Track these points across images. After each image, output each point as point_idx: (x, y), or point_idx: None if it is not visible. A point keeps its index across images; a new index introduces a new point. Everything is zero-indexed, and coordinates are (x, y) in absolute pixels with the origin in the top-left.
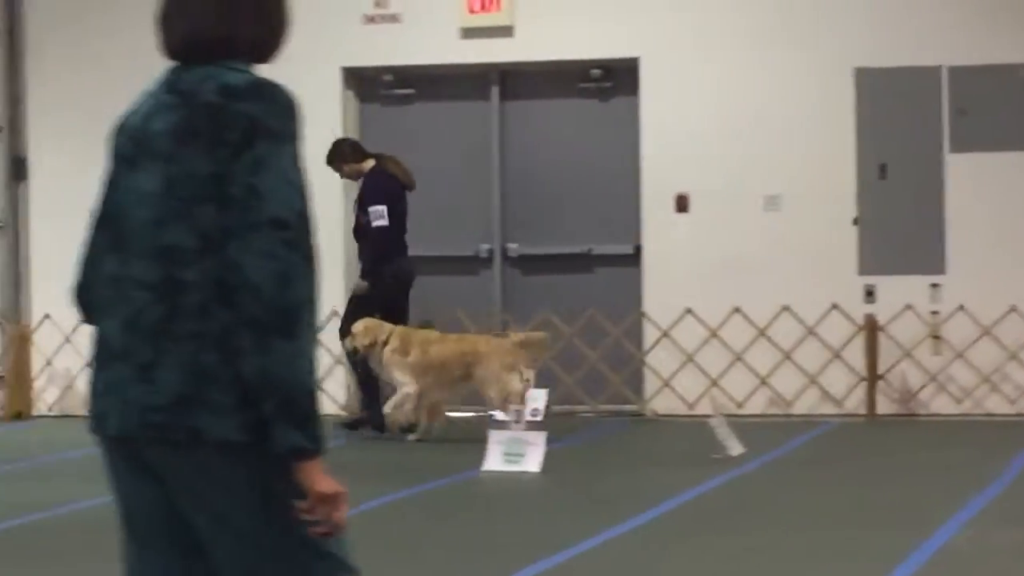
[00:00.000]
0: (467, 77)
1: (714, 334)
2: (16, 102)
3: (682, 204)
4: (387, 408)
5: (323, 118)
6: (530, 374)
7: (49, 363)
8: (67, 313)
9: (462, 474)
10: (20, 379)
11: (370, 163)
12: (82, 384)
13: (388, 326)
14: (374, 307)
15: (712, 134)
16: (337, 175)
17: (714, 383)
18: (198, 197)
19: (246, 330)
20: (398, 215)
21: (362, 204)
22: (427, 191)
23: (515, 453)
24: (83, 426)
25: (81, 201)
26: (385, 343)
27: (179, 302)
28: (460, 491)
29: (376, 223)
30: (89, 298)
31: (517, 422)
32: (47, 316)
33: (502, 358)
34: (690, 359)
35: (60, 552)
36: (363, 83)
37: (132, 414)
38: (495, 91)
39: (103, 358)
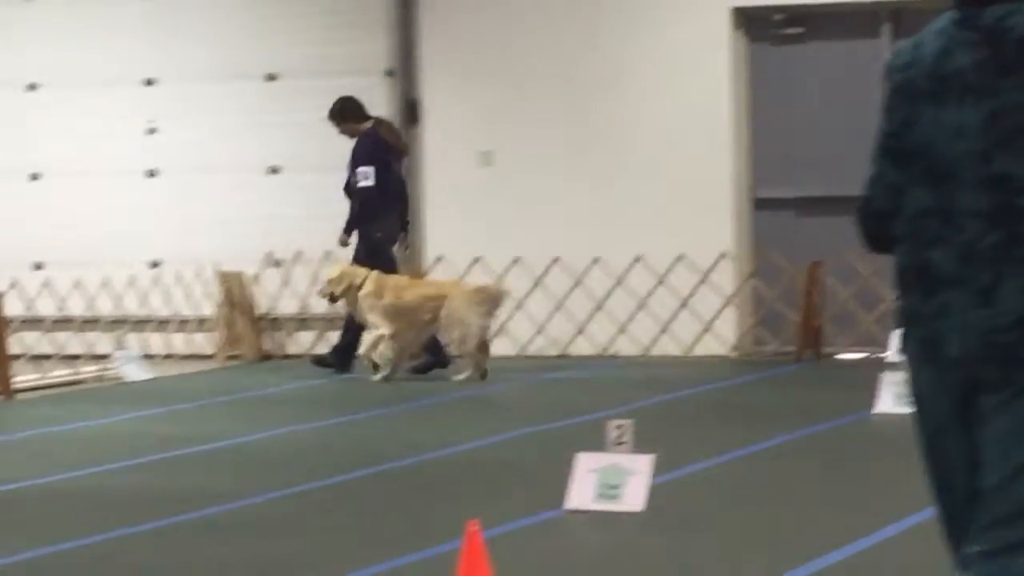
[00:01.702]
0: (858, 15)
1: None
2: (409, 46)
3: None
4: (361, 350)
5: (712, 59)
6: (488, 321)
7: None
8: (462, 254)
9: (855, 415)
10: None
11: (367, 125)
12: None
13: (363, 271)
14: (381, 260)
15: None
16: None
17: None
18: (1022, 128)
19: None
20: (384, 177)
21: (353, 164)
22: (815, 131)
23: None
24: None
25: (473, 145)
26: (359, 287)
27: (1016, 229)
28: (853, 432)
29: (362, 183)
30: (888, 229)
31: None
32: (440, 257)
33: (465, 301)
34: None
35: (457, 490)
36: (753, 23)
37: (972, 335)
38: (886, 29)
39: (929, 285)
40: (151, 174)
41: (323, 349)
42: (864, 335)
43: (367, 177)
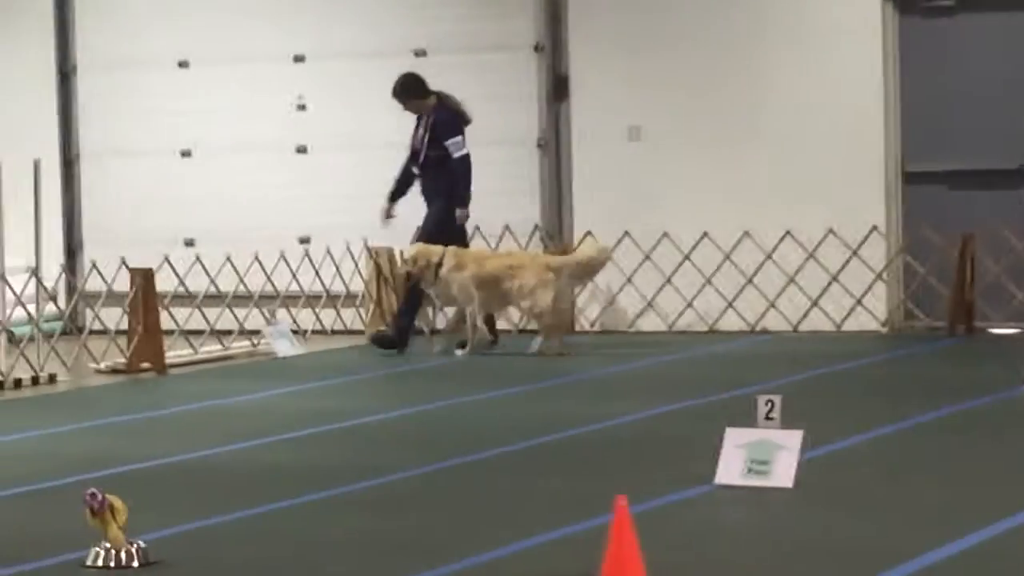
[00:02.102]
0: None
1: None
2: (557, 20)
3: None
4: (447, 326)
5: (862, 32)
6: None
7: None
8: (608, 230)
9: (1007, 391)
10: None
11: (433, 99)
12: (623, 300)
13: (439, 248)
14: (449, 234)
15: None
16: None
17: None
18: None
19: None
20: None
21: (434, 137)
22: (968, 104)
23: None
24: (624, 342)
25: (621, 120)
26: (439, 264)
27: None
28: (1005, 408)
29: (459, 153)
30: None
31: None
32: (588, 233)
33: (538, 274)
34: None
35: (603, 465)
36: None
37: None
38: None
39: None
40: (301, 150)
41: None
42: (1017, 310)
43: (461, 147)
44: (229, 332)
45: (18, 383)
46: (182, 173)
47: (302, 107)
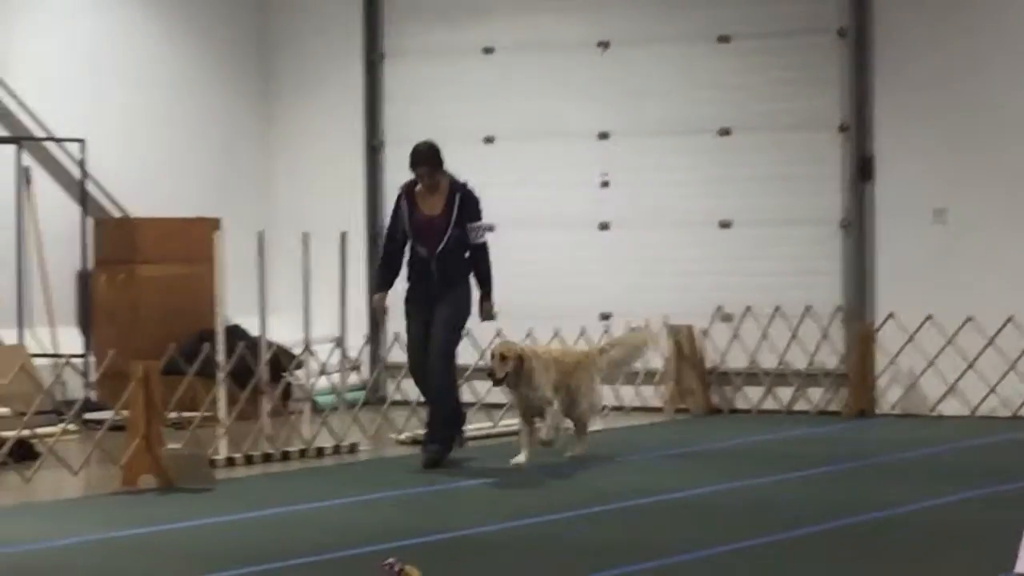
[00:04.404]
0: None
1: None
2: (863, 99)
3: None
4: (544, 435)
5: None
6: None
7: (892, 362)
8: (912, 312)
9: None
10: (863, 377)
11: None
12: (925, 384)
13: (516, 344)
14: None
15: None
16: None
17: None
18: None
19: None
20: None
21: (460, 218)
22: None
23: None
24: (925, 425)
25: (927, 201)
26: (521, 361)
27: None
28: None
29: (482, 239)
30: None
31: None
32: (891, 315)
33: (590, 370)
34: None
35: (901, 551)
36: None
37: None
38: None
39: None
40: (603, 226)
41: (772, 404)
42: None
43: (486, 231)
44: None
45: (320, 451)
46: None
47: (605, 184)
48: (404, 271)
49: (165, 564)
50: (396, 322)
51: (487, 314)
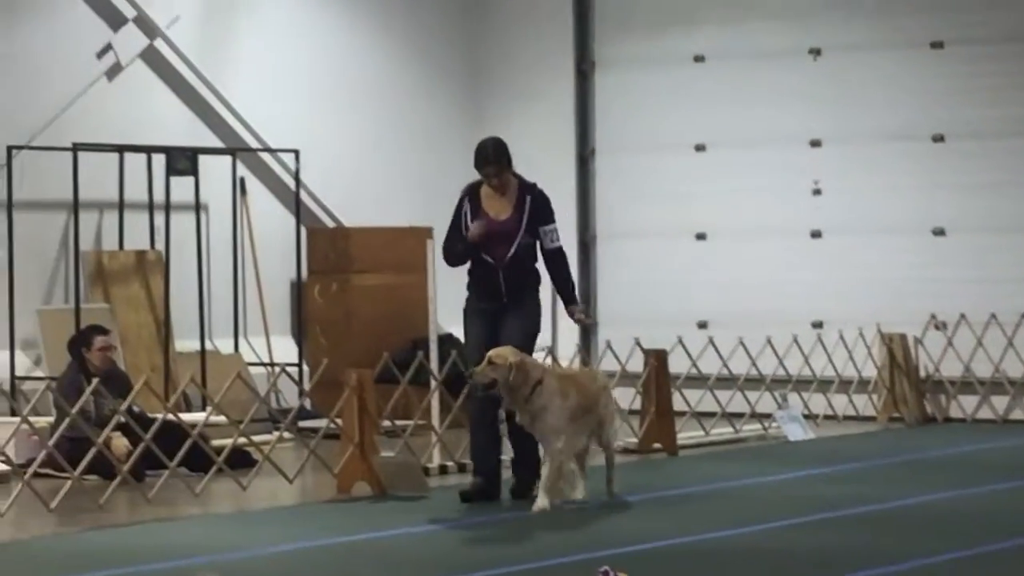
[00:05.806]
0: None
1: None
2: None
3: None
4: (543, 485)
5: None
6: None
7: None
8: None
9: None
10: None
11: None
12: None
13: (539, 363)
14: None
15: None
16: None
17: None
18: None
19: None
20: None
21: (532, 222)
22: None
23: None
24: None
25: None
26: (538, 383)
27: None
28: None
29: (559, 243)
30: None
31: None
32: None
33: (611, 395)
34: None
35: None
36: None
37: None
38: None
39: None
40: (815, 235)
41: (986, 414)
42: None
43: (558, 235)
44: (740, 415)
45: None
46: (696, 255)
47: (817, 191)
48: (464, 280)
49: (381, 571)
50: (606, 330)
51: (581, 317)
